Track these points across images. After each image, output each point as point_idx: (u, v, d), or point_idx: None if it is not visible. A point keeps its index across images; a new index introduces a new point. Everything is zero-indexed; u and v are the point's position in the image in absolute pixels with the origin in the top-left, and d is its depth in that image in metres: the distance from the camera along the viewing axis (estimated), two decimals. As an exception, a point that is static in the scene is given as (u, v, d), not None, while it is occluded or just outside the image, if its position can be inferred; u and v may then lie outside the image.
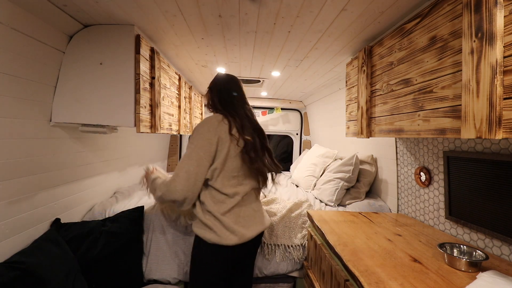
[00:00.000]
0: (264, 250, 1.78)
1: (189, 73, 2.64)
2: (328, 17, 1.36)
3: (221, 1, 1.25)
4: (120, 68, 1.48)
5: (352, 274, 0.98)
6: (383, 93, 1.45)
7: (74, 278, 1.31)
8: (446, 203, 1.38)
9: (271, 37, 1.66)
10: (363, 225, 1.47)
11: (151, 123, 1.71)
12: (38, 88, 1.36)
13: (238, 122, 1.22)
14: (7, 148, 1.20)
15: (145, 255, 1.74)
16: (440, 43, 1.01)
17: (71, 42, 1.48)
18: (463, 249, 1.10)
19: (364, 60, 1.61)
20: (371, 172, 2.11)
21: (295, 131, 4.45)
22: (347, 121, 1.95)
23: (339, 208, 2.00)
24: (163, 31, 1.61)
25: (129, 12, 1.37)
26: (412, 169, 1.68)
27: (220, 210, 1.16)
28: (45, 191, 1.44)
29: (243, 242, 1.17)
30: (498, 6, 0.75)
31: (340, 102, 2.69)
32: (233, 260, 1.21)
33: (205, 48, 1.89)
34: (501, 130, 0.74)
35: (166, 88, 2.01)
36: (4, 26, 1.12)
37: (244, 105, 1.31)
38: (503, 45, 0.75)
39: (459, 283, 0.90)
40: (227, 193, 1.17)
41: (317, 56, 1.97)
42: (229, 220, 1.16)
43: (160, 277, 1.72)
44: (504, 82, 0.74)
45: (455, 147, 1.33)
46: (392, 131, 1.35)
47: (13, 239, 1.24)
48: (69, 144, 1.62)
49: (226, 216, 1.17)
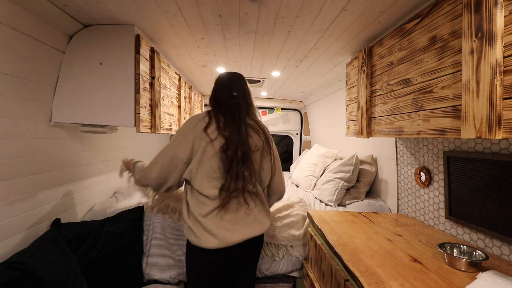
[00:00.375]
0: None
1: (189, 73, 2.64)
2: (328, 17, 1.36)
3: (221, 1, 1.25)
4: (120, 68, 1.48)
5: (352, 274, 0.98)
6: (383, 93, 1.44)
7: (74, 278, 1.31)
8: (446, 203, 1.38)
9: (271, 37, 1.66)
10: (363, 225, 1.47)
11: (151, 123, 1.71)
12: (38, 88, 1.36)
13: (222, 120, 1.15)
14: (7, 148, 1.20)
15: (145, 255, 1.74)
16: (440, 43, 1.01)
17: (71, 42, 1.48)
18: (463, 249, 1.10)
19: (364, 60, 1.61)
20: (371, 172, 2.11)
21: (295, 131, 4.45)
22: (347, 121, 1.95)
23: (339, 208, 2.00)
24: (163, 31, 1.61)
25: (129, 12, 1.37)
26: (412, 169, 1.68)
27: (201, 212, 1.12)
28: (45, 191, 1.44)
29: (225, 246, 1.10)
30: (498, 6, 0.75)
31: (340, 102, 2.69)
32: (218, 264, 1.14)
33: (205, 48, 1.89)
34: (501, 130, 0.74)
35: (166, 88, 2.01)
36: (4, 26, 1.12)
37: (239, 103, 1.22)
38: (503, 45, 0.75)
39: (459, 283, 0.90)
40: (207, 194, 1.12)
41: (317, 56, 1.97)
42: (210, 222, 1.11)
43: (160, 277, 1.72)
44: (504, 82, 0.74)
45: (455, 147, 1.33)
46: (392, 131, 1.35)
47: (13, 239, 1.24)
48: (69, 144, 1.62)
49: (207, 218, 1.11)
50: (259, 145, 1.21)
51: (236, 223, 1.14)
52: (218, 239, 1.09)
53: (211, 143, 1.11)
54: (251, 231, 1.16)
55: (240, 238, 1.13)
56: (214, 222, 1.11)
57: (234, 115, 1.17)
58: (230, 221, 1.13)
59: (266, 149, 1.25)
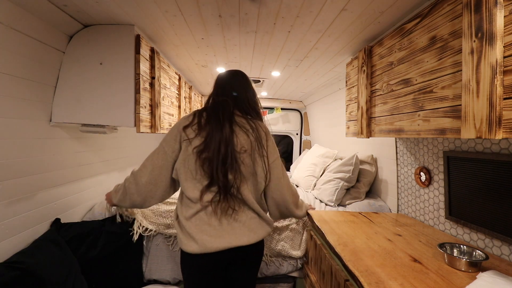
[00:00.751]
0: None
1: (189, 73, 2.64)
2: (328, 17, 1.36)
3: (221, 1, 1.25)
4: (120, 68, 1.48)
5: (352, 274, 0.98)
6: (383, 93, 1.44)
7: (74, 278, 1.31)
8: (446, 203, 1.38)
9: (271, 37, 1.66)
10: (363, 225, 1.47)
11: (151, 123, 1.71)
12: (38, 88, 1.36)
13: (204, 119, 1.11)
14: (7, 148, 1.20)
15: (145, 255, 1.74)
16: (440, 43, 1.01)
17: (71, 42, 1.48)
18: (463, 249, 1.10)
19: (364, 60, 1.61)
20: (371, 172, 2.11)
21: (295, 131, 4.45)
22: (347, 121, 1.95)
23: (339, 208, 2.00)
24: (163, 31, 1.61)
25: (129, 12, 1.37)
26: (412, 169, 1.68)
27: (186, 215, 1.08)
28: (45, 191, 1.44)
29: (207, 252, 1.03)
30: (498, 6, 0.75)
31: (340, 102, 2.69)
32: (203, 269, 1.08)
33: (205, 48, 1.89)
34: (501, 130, 0.74)
35: (166, 88, 2.01)
36: (4, 26, 1.12)
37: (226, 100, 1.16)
38: (503, 45, 0.75)
39: (459, 283, 0.90)
40: (190, 196, 1.07)
41: (317, 56, 1.97)
42: (193, 226, 1.06)
43: (160, 277, 1.72)
44: (504, 82, 0.74)
45: (455, 147, 1.33)
46: (392, 131, 1.35)
47: (13, 239, 1.24)
48: (69, 144, 1.62)
49: (191, 221, 1.07)
50: (246, 146, 1.11)
51: (222, 229, 1.07)
52: (198, 244, 1.03)
53: (189, 142, 1.08)
54: (237, 239, 1.07)
55: (222, 246, 1.04)
56: (197, 226, 1.06)
57: (218, 113, 1.11)
58: (215, 226, 1.06)
59: (258, 151, 1.13)
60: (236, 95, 1.20)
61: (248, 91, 1.24)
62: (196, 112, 1.15)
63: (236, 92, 1.20)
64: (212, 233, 1.06)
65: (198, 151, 1.06)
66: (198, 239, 1.04)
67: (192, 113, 1.15)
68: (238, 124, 1.13)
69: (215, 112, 1.12)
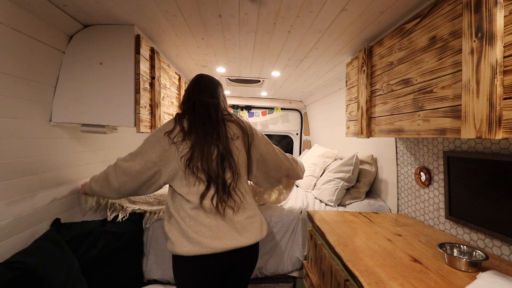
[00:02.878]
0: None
1: (189, 73, 2.64)
2: (328, 17, 1.36)
3: (221, 1, 1.25)
4: (120, 68, 1.48)
5: (352, 274, 0.98)
6: (383, 93, 1.45)
7: (74, 278, 1.31)
8: (446, 203, 1.38)
9: (271, 37, 1.66)
10: (363, 225, 1.47)
11: (151, 123, 1.71)
12: (38, 88, 1.36)
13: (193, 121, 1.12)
14: (7, 148, 1.19)
15: (145, 255, 1.74)
16: (440, 43, 1.01)
17: (71, 42, 1.48)
18: (463, 249, 1.10)
19: (364, 60, 1.61)
20: (371, 172, 2.11)
21: (295, 131, 4.45)
22: (347, 121, 1.95)
23: (339, 208, 2.00)
24: (163, 31, 1.61)
25: (129, 12, 1.37)
26: (412, 169, 1.68)
27: (181, 214, 1.07)
28: (45, 191, 1.44)
29: (202, 254, 1.01)
30: (498, 6, 0.75)
31: (340, 102, 2.69)
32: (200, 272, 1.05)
33: (205, 48, 1.89)
34: (501, 130, 0.74)
35: (166, 88, 2.01)
36: (4, 26, 1.12)
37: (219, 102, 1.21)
38: (503, 45, 0.75)
39: (459, 283, 0.90)
40: (187, 198, 1.07)
41: (317, 56, 1.97)
42: (188, 226, 1.05)
43: (160, 277, 1.72)
44: (504, 82, 0.74)
45: (455, 147, 1.33)
46: (392, 131, 1.35)
47: (13, 239, 1.24)
48: (69, 144, 1.62)
49: (185, 221, 1.06)
50: (238, 133, 1.19)
51: (218, 230, 1.06)
52: (193, 243, 1.02)
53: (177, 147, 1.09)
54: (234, 241, 1.06)
55: (220, 247, 1.03)
56: (192, 226, 1.05)
57: (211, 114, 1.15)
58: (212, 227, 1.06)
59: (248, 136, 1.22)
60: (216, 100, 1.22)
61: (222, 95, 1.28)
62: (176, 117, 1.16)
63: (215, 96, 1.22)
64: (209, 234, 1.05)
65: (186, 158, 1.07)
66: (194, 239, 1.03)
67: (173, 119, 1.16)
68: (227, 119, 1.21)
69: (208, 113, 1.15)
